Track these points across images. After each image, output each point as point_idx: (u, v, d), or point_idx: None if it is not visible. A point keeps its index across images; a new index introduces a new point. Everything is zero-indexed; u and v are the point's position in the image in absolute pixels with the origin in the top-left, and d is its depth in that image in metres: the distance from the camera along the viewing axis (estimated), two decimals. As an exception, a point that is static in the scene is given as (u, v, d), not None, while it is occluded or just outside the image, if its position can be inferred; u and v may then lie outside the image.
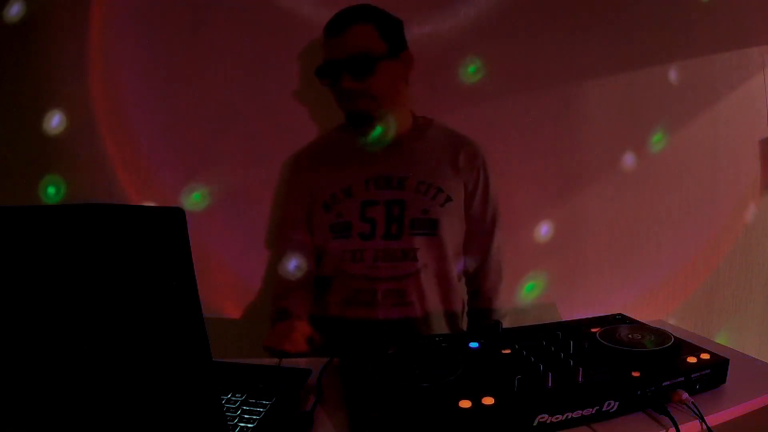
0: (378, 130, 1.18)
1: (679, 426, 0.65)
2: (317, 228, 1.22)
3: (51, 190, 1.35)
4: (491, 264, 1.27)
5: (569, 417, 0.67)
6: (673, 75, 1.58)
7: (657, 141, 1.59)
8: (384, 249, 1.15)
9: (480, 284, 1.28)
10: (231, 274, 1.41)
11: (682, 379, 0.71)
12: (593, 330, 0.83)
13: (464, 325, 1.29)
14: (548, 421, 0.66)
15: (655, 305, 1.61)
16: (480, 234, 1.26)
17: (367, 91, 1.13)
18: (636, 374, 0.70)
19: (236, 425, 0.67)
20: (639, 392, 0.69)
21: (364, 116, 1.17)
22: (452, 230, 1.20)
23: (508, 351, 0.79)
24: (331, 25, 1.15)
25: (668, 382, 0.70)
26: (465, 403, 0.65)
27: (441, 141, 1.24)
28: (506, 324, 1.07)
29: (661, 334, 0.79)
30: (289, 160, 1.32)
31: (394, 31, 1.18)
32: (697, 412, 0.67)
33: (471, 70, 1.39)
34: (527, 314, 1.47)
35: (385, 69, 1.13)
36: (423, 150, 1.21)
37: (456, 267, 1.22)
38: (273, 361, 0.89)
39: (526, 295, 1.44)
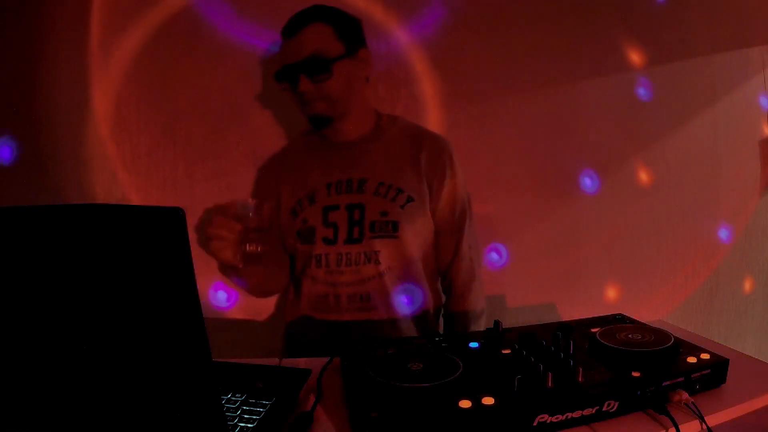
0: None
1: (679, 426, 0.65)
2: (287, 234, 1.21)
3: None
4: (461, 263, 1.23)
5: (569, 417, 0.67)
6: (673, 75, 1.58)
7: (657, 141, 1.59)
8: (346, 253, 1.14)
9: (451, 284, 1.25)
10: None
11: (682, 379, 0.71)
12: (593, 330, 0.83)
13: (440, 328, 1.27)
14: (548, 421, 0.66)
15: (655, 305, 1.61)
16: (448, 233, 1.22)
17: (325, 93, 1.11)
18: (636, 374, 0.70)
19: (236, 425, 0.67)
20: (639, 392, 0.69)
21: (323, 119, 1.15)
22: (415, 231, 1.16)
23: (508, 351, 0.79)
24: (286, 27, 1.12)
25: (668, 382, 0.70)
26: (465, 403, 0.65)
27: (403, 140, 1.20)
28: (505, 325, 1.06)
29: (661, 334, 0.79)
30: (260, 168, 1.33)
31: (351, 30, 1.15)
32: (697, 412, 0.67)
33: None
34: (527, 314, 1.47)
35: (342, 69, 1.11)
36: (383, 151, 1.18)
37: (423, 267, 1.20)
38: (273, 361, 0.89)
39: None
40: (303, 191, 1.18)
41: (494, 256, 1.49)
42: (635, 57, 1.55)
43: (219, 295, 1.42)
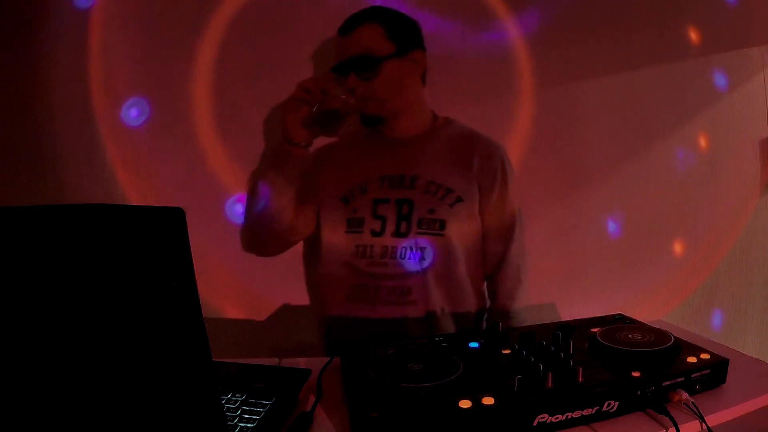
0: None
1: (679, 426, 0.65)
2: (329, 220, 1.22)
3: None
4: (508, 269, 1.27)
5: (569, 417, 0.67)
6: (672, 75, 1.58)
7: (657, 141, 1.59)
8: (392, 246, 1.17)
9: (496, 288, 1.28)
10: (231, 274, 1.41)
11: (682, 379, 0.71)
12: (593, 330, 0.83)
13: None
14: (548, 421, 0.66)
15: (655, 305, 1.61)
16: (496, 238, 1.26)
17: (372, 92, 1.14)
18: (636, 374, 0.70)
19: (236, 425, 0.67)
20: (639, 392, 0.69)
21: (373, 118, 1.19)
22: (462, 232, 1.20)
23: (508, 351, 0.79)
24: (342, 25, 1.17)
25: (668, 382, 0.70)
26: (465, 403, 0.65)
27: (456, 142, 1.24)
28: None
29: (661, 334, 0.79)
30: (314, 153, 1.30)
31: (405, 31, 1.19)
32: (697, 412, 0.67)
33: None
34: (527, 314, 1.47)
35: (391, 69, 1.15)
36: (436, 151, 1.22)
37: (467, 269, 1.22)
38: (273, 361, 0.89)
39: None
40: (356, 181, 1.21)
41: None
42: (635, 57, 1.55)
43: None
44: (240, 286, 1.42)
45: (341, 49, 1.16)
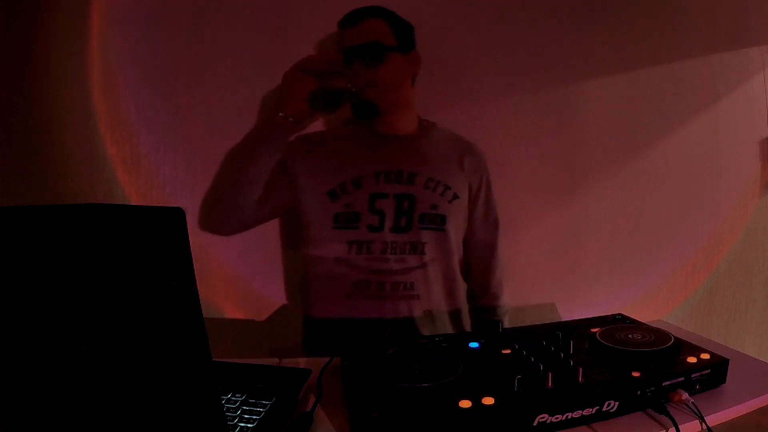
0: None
1: (679, 426, 0.65)
2: (314, 216, 1.22)
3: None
4: (496, 261, 1.31)
5: (569, 417, 0.67)
6: (673, 75, 1.58)
7: (657, 141, 1.59)
8: (392, 241, 1.18)
9: (487, 281, 1.31)
10: (231, 274, 1.41)
11: (682, 379, 0.71)
12: (593, 330, 0.83)
13: (467, 324, 1.31)
14: (548, 421, 0.66)
15: (655, 305, 1.61)
16: (485, 233, 1.30)
17: (374, 78, 1.16)
18: (636, 374, 0.70)
19: (236, 425, 0.67)
20: (639, 392, 0.69)
21: (369, 105, 1.20)
22: (457, 227, 1.24)
23: (508, 351, 0.79)
24: (345, 18, 1.19)
25: (668, 382, 0.70)
26: (465, 403, 0.65)
27: (447, 142, 1.28)
28: (506, 324, 1.08)
29: (661, 334, 0.79)
30: (297, 138, 1.27)
31: (405, 31, 1.23)
32: (697, 412, 0.67)
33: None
34: (527, 314, 1.47)
35: (394, 61, 1.18)
36: (431, 149, 1.25)
37: (457, 264, 1.26)
38: (273, 361, 0.89)
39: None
40: (347, 175, 1.21)
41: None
42: (635, 56, 1.55)
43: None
44: (240, 286, 1.42)
45: (346, 39, 1.19)
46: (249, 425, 0.67)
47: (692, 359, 0.74)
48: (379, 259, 1.18)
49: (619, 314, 0.94)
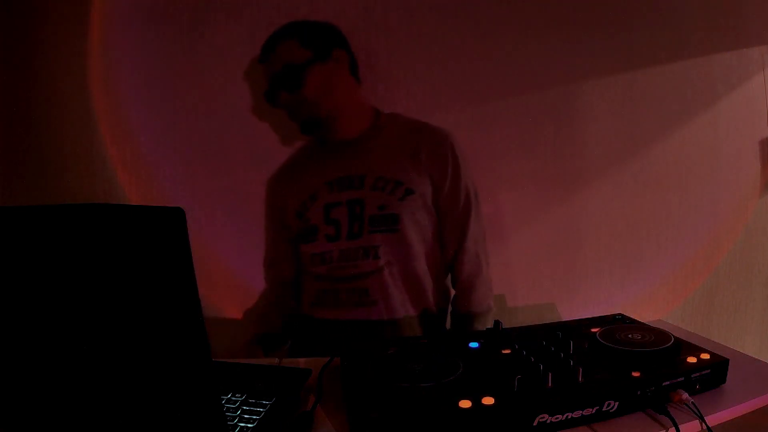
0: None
1: (679, 426, 0.65)
2: (293, 236, 1.25)
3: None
4: (465, 256, 1.24)
5: (569, 417, 0.67)
6: (672, 75, 1.58)
7: (657, 141, 1.59)
8: (347, 249, 1.17)
9: (456, 277, 1.25)
10: (231, 274, 1.41)
11: (682, 379, 0.71)
12: (593, 330, 0.83)
13: (447, 326, 1.28)
14: (548, 421, 0.66)
15: (655, 305, 1.61)
16: (452, 225, 1.23)
17: (302, 99, 1.17)
18: (636, 374, 0.70)
19: (236, 425, 0.67)
20: (639, 392, 0.69)
21: (309, 122, 1.20)
22: (417, 224, 1.18)
23: (508, 351, 0.79)
24: (260, 55, 1.21)
25: (668, 382, 0.70)
26: (465, 403, 0.65)
27: (402, 135, 1.23)
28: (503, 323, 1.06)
29: (661, 334, 0.79)
30: (269, 181, 1.32)
31: (318, 36, 1.20)
32: (697, 412, 0.67)
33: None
34: (527, 314, 1.47)
35: (314, 74, 1.17)
36: (382, 146, 1.21)
37: (427, 263, 1.21)
38: (273, 361, 0.89)
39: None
40: (306, 193, 1.22)
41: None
42: (635, 57, 1.55)
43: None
44: (240, 286, 1.42)
45: (266, 74, 1.20)
46: (249, 425, 0.67)
47: (692, 359, 0.74)
48: (336, 268, 1.18)
49: (619, 314, 0.94)
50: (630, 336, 0.79)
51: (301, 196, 1.22)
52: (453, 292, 1.29)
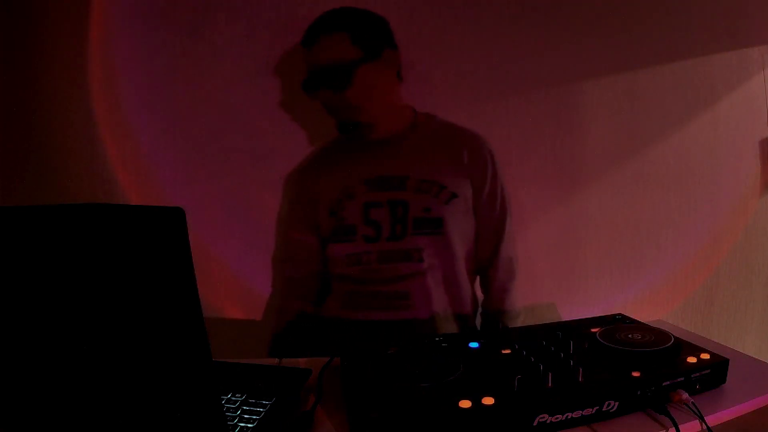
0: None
1: (679, 426, 0.65)
2: (324, 234, 1.20)
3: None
4: (500, 261, 1.26)
5: (569, 417, 0.67)
6: (673, 75, 1.58)
7: (657, 141, 1.59)
8: (388, 251, 1.14)
9: (489, 283, 1.26)
10: (231, 274, 1.41)
11: (682, 379, 0.71)
12: (593, 330, 0.83)
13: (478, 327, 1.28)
14: (548, 421, 0.66)
15: (655, 305, 1.61)
16: (490, 231, 1.24)
17: (346, 102, 1.11)
18: (636, 374, 0.70)
19: (236, 425, 0.67)
20: (639, 392, 0.69)
21: (349, 125, 1.16)
22: (460, 229, 1.18)
23: (508, 351, 0.79)
24: (304, 37, 1.13)
25: (668, 382, 0.70)
26: (465, 403, 0.65)
27: (442, 137, 1.21)
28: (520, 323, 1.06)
29: (661, 334, 0.79)
30: (292, 175, 1.28)
31: (372, 33, 1.15)
32: (697, 412, 0.67)
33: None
34: (527, 314, 1.47)
35: (363, 75, 1.12)
36: (422, 147, 1.19)
37: (466, 267, 1.21)
38: (273, 361, 0.89)
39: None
40: (341, 190, 1.18)
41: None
42: (635, 57, 1.55)
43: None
44: (240, 286, 1.42)
45: (307, 61, 1.13)
46: (249, 425, 0.67)
47: (692, 359, 0.74)
48: (374, 270, 1.15)
49: (619, 314, 0.94)
50: (630, 336, 0.79)
51: (335, 194, 1.18)
52: (481, 295, 1.29)
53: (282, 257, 1.27)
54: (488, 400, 0.65)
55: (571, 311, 1.51)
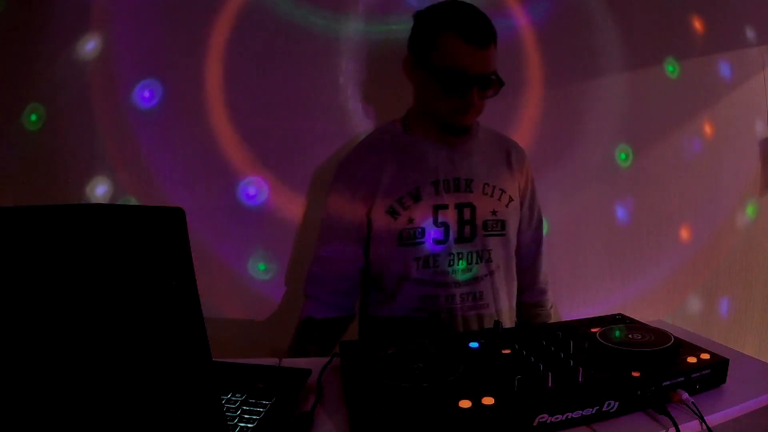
0: None
1: (679, 426, 0.65)
2: (379, 235, 1.16)
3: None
4: (542, 258, 1.30)
5: (569, 417, 0.67)
6: (673, 74, 1.58)
7: (657, 141, 1.59)
8: (458, 253, 1.14)
9: (536, 277, 1.31)
10: (231, 274, 1.41)
11: (682, 379, 0.71)
12: (593, 330, 0.83)
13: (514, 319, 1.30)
14: (548, 421, 0.66)
15: (655, 305, 1.61)
16: (532, 230, 1.29)
17: (480, 109, 1.11)
18: (636, 374, 0.70)
19: (236, 425, 0.67)
20: (639, 392, 0.69)
21: (463, 129, 1.15)
22: (514, 229, 1.22)
23: (508, 351, 0.79)
24: (472, 33, 1.04)
25: (668, 382, 0.70)
26: (465, 403, 0.65)
27: (493, 143, 1.23)
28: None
29: (661, 334, 0.79)
30: (351, 156, 1.20)
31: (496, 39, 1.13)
32: (697, 412, 0.67)
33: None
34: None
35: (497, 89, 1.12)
36: (480, 152, 1.19)
37: (514, 264, 1.25)
38: (273, 361, 0.89)
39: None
40: (405, 189, 1.13)
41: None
42: (635, 56, 1.55)
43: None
44: (240, 286, 1.42)
45: (471, 61, 1.04)
46: (249, 425, 0.67)
47: (692, 359, 0.74)
48: (446, 272, 1.13)
49: (619, 314, 0.93)
50: (630, 336, 0.79)
51: (399, 192, 1.13)
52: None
53: (327, 256, 1.20)
54: (488, 400, 0.65)
55: (571, 311, 1.52)
